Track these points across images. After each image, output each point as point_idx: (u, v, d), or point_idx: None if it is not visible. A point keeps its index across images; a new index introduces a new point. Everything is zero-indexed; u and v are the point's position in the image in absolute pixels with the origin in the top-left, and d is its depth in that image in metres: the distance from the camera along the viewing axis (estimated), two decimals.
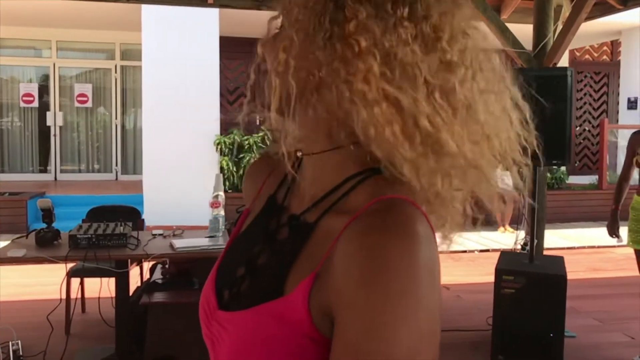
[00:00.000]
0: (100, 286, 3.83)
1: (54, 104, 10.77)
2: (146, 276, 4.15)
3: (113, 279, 3.57)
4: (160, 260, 3.83)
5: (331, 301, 0.62)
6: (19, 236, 3.64)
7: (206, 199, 3.76)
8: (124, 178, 10.80)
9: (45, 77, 10.84)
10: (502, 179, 0.76)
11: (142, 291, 3.62)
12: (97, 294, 4.06)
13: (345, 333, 0.59)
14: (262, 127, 0.73)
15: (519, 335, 3.65)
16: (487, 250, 6.76)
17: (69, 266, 3.83)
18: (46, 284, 4.95)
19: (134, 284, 3.96)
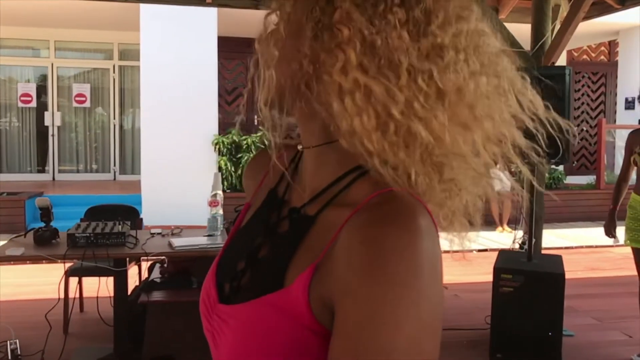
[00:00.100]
0: (98, 285, 3.83)
1: (52, 104, 10.75)
2: (144, 276, 4.15)
3: (111, 278, 3.57)
4: (159, 260, 3.82)
5: (332, 292, 0.62)
6: (17, 235, 3.63)
7: (204, 199, 3.76)
8: (122, 178, 10.79)
9: (43, 77, 10.82)
10: (501, 178, 0.74)
11: (141, 290, 3.62)
12: (95, 293, 4.06)
13: (345, 322, 0.59)
14: (260, 127, 0.73)
15: (517, 334, 3.66)
16: (485, 250, 6.75)
17: (67, 265, 3.82)
18: (44, 283, 4.94)
19: (132, 283, 3.96)
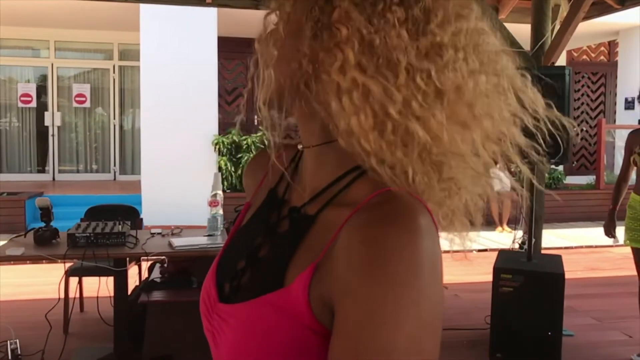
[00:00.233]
0: (98, 285, 3.83)
1: (52, 104, 10.75)
2: (144, 275, 4.15)
3: (111, 278, 3.57)
4: (159, 260, 3.82)
5: (332, 292, 0.62)
6: (17, 235, 3.63)
7: (204, 199, 3.76)
8: (122, 178, 10.79)
9: (44, 78, 10.82)
10: (500, 178, 0.74)
11: (141, 290, 3.62)
12: (95, 293, 4.06)
13: (345, 322, 0.59)
14: (260, 127, 0.73)
15: (517, 334, 3.66)
16: (485, 250, 6.75)
17: (67, 265, 3.82)
18: (44, 283, 4.94)
19: (132, 283, 3.96)
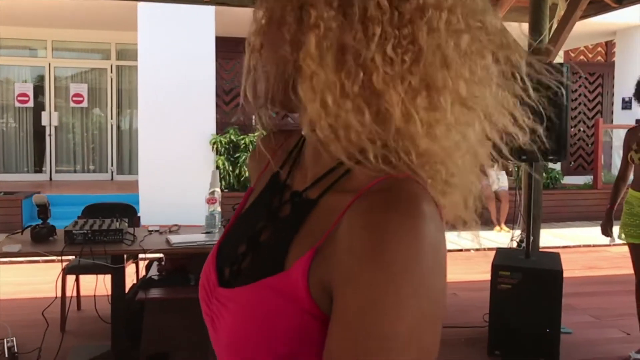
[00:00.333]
0: (95, 283, 3.81)
1: (49, 104, 10.73)
2: (142, 274, 4.14)
3: (109, 276, 3.56)
4: (156, 259, 3.82)
5: (331, 277, 0.61)
6: (14, 232, 3.61)
7: (202, 199, 3.76)
8: (120, 178, 10.77)
9: (41, 77, 10.79)
10: (498, 178, 0.73)
11: (138, 287, 3.61)
12: (92, 291, 4.05)
13: (344, 308, 0.58)
14: (258, 127, 0.73)
15: (515, 331, 3.66)
16: (483, 249, 6.75)
17: (64, 263, 3.81)
18: (42, 282, 4.92)
19: (130, 282, 3.95)
